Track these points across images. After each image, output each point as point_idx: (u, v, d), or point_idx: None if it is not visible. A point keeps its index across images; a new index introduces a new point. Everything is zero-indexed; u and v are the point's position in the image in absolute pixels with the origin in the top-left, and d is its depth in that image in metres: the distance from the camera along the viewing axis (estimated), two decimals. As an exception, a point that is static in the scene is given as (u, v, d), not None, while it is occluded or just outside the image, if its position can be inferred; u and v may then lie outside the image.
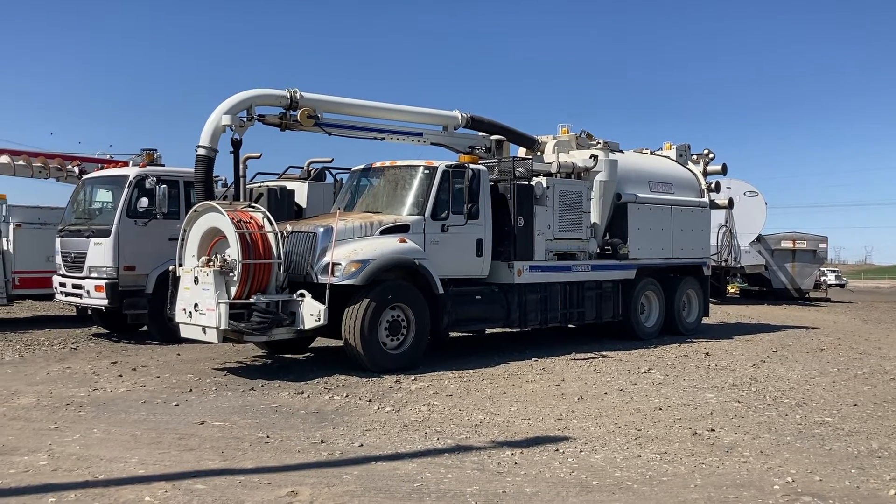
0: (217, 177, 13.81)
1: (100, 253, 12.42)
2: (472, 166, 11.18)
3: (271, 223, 9.89)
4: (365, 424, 7.32)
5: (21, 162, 15.29)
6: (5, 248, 14.65)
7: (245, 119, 10.93)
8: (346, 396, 8.58)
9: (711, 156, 16.13)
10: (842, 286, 48.68)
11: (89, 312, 14.24)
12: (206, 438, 6.71)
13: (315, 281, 9.93)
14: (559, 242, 12.56)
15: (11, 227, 14.72)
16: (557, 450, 6.52)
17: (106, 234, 12.40)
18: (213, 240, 9.91)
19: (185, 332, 10.12)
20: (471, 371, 10.25)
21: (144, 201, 12.43)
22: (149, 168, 13.04)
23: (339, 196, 12.26)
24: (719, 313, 20.13)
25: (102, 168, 15.30)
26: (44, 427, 7.04)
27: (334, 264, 9.77)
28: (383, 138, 12.52)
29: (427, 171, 11.07)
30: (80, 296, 12.75)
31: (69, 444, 6.44)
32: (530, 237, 11.98)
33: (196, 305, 9.68)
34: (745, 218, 26.04)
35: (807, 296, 29.06)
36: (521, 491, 5.41)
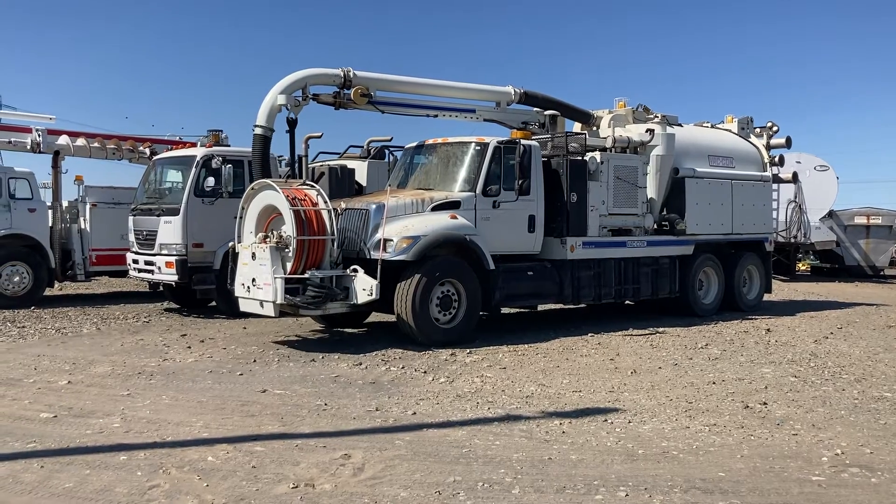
0: (280, 157, 14.20)
1: (169, 231, 12.92)
2: (523, 142, 11.19)
3: (325, 200, 10.14)
4: (419, 394, 7.55)
5: (96, 144, 15.96)
6: (82, 226, 15.38)
7: (300, 98, 11.17)
8: (403, 368, 8.82)
9: (775, 129, 15.68)
10: (925, 264, 46.45)
11: (161, 288, 14.86)
12: (267, 405, 7.03)
13: (368, 257, 10.15)
14: (614, 218, 12.50)
15: (88, 206, 15.40)
16: (606, 420, 6.61)
17: (175, 212, 12.87)
18: (270, 217, 10.23)
19: (243, 305, 10.51)
20: (525, 345, 10.36)
21: (211, 181, 12.84)
22: (215, 148, 13.47)
23: (392, 174, 12.45)
24: (786, 290, 19.66)
25: (172, 149, 15.88)
26: (117, 393, 7.50)
27: (386, 240, 9.96)
28: (436, 115, 12.59)
29: (478, 148, 11.14)
30: (151, 272, 13.31)
31: (140, 409, 6.86)
32: (583, 213, 11.94)
33: (254, 280, 10.04)
34: (816, 193, 25.16)
35: (882, 273, 28.01)
36: (566, 458, 5.54)
